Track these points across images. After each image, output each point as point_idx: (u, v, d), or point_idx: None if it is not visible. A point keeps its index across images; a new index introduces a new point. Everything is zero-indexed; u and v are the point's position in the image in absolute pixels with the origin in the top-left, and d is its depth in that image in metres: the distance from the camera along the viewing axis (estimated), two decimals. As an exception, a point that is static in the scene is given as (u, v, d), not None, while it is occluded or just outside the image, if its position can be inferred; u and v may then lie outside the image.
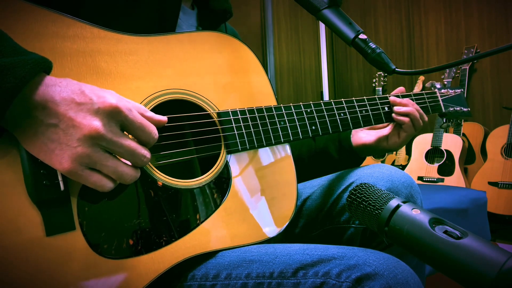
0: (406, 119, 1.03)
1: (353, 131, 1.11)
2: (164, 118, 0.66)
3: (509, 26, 3.19)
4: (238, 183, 0.81)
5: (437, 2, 3.59)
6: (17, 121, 0.55)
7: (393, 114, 1.04)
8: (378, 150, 1.08)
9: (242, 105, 0.85)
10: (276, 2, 3.88)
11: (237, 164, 0.82)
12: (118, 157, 0.60)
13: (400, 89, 1.10)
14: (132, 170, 0.61)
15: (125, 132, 0.60)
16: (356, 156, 1.09)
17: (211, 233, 0.76)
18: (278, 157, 0.90)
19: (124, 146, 0.58)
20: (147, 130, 0.61)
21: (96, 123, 0.55)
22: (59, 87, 0.55)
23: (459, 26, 3.45)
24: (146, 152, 0.62)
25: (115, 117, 0.57)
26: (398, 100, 1.05)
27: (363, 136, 1.09)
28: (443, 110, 1.16)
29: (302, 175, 1.12)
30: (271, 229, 0.83)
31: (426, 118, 1.06)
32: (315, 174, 1.12)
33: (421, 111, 1.06)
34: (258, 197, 0.84)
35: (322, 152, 1.12)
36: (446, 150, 3.05)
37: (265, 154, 0.88)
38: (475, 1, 3.35)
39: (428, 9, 3.65)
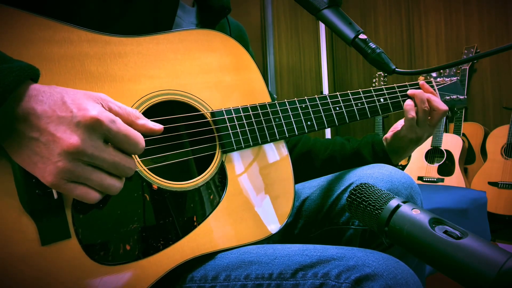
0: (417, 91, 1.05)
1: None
2: (158, 127, 0.63)
3: (509, 26, 3.18)
4: (234, 183, 0.81)
5: (437, 2, 3.58)
6: (2, 133, 0.54)
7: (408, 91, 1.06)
8: (413, 138, 1.09)
9: (235, 103, 0.84)
10: (276, 2, 3.87)
11: (233, 163, 0.82)
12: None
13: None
14: (118, 182, 0.59)
15: (109, 144, 0.58)
16: (388, 161, 1.08)
17: (210, 234, 0.75)
18: (275, 155, 0.89)
19: (107, 160, 0.56)
20: (132, 142, 0.58)
21: (75, 139, 0.53)
22: (41, 97, 0.54)
23: (459, 26, 3.45)
24: (130, 164, 0.59)
25: (96, 130, 0.54)
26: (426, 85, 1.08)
27: (396, 126, 1.10)
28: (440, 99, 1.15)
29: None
30: (270, 227, 0.83)
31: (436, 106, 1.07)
32: None
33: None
34: (255, 196, 0.83)
35: (355, 154, 1.11)
36: (446, 150, 3.05)
37: (261, 152, 0.87)
38: (475, 1, 3.34)
39: (428, 9, 3.65)
